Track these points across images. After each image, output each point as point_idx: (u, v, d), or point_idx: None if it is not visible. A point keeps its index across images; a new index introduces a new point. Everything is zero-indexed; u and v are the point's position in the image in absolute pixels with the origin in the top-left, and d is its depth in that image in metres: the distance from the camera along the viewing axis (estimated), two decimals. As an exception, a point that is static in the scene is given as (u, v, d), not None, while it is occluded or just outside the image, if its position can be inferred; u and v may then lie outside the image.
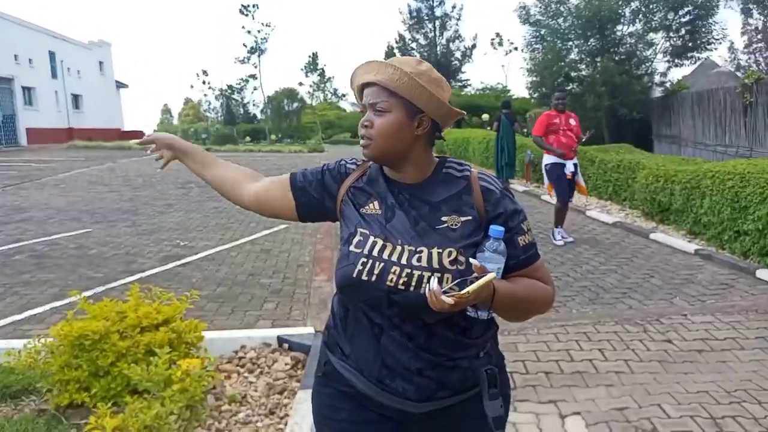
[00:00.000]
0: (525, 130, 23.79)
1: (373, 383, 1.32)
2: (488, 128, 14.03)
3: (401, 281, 1.25)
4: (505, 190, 1.38)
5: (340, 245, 1.37)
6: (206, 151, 1.63)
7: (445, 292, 1.14)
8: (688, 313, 4.47)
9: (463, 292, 1.13)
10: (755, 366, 3.54)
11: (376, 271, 1.26)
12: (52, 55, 32.71)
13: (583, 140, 7.08)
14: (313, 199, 1.43)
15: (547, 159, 6.95)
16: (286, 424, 2.83)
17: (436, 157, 1.41)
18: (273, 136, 36.77)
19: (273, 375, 3.44)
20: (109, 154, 22.90)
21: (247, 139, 35.65)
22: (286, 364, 3.56)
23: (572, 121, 6.95)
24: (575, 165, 6.97)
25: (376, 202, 1.36)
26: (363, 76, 1.34)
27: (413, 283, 1.24)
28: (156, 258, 6.38)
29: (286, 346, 3.82)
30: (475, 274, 1.18)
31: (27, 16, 31.03)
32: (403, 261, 1.26)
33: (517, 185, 12.56)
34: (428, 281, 1.19)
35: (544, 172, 7.14)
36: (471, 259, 1.20)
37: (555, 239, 6.98)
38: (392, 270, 1.26)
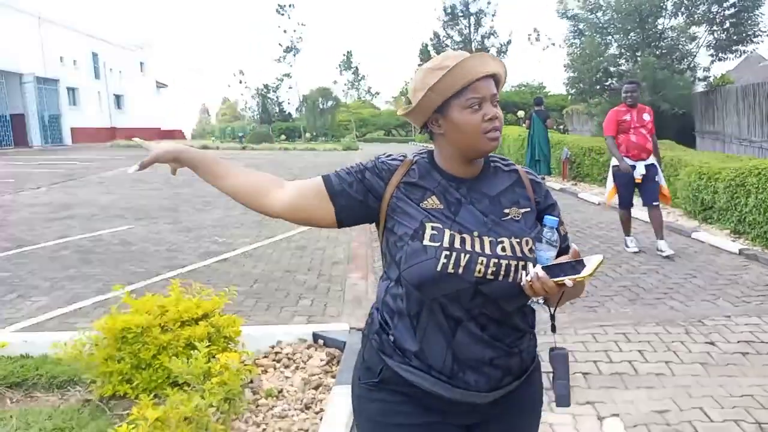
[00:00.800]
0: (562, 127, 23.47)
1: (443, 380, 1.31)
2: (522, 125, 13.87)
3: (490, 271, 1.27)
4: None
5: (400, 242, 1.32)
6: (220, 160, 1.48)
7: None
8: (732, 315, 4.34)
9: (583, 273, 1.18)
10: (804, 370, 3.42)
11: (462, 263, 1.26)
12: (95, 56, 33.73)
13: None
14: (355, 202, 1.37)
15: (615, 161, 6.17)
16: (321, 419, 2.86)
17: None
18: (308, 135, 37.12)
19: (308, 370, 3.48)
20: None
21: (282, 137, 36.06)
22: (321, 360, 3.60)
23: (646, 117, 6.04)
24: (651, 167, 6.04)
25: (434, 197, 1.34)
26: (486, 67, 1.31)
27: (502, 273, 1.27)
28: (196, 254, 6.52)
29: (321, 342, 3.85)
30: (566, 258, 1.26)
31: (70, 19, 31.87)
32: (488, 251, 1.28)
33: (553, 183, 12.38)
34: (516, 270, 1.28)
35: (609, 174, 6.35)
36: (572, 245, 1.29)
37: (627, 247, 6.38)
38: (479, 261, 1.27)
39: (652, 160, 6.05)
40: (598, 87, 15.70)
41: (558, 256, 1.34)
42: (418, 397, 1.34)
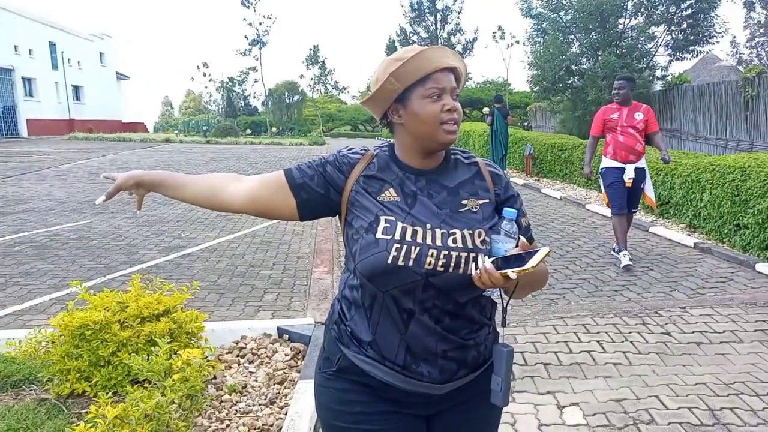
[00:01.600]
0: (526, 124, 23.81)
1: (396, 371, 1.32)
2: (485, 121, 14.08)
3: (440, 263, 1.27)
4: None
5: (356, 235, 1.33)
6: (177, 173, 1.52)
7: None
8: (687, 306, 4.48)
9: (528, 266, 1.17)
10: (754, 358, 3.56)
11: (413, 255, 1.27)
12: (52, 46, 32.63)
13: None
14: (316, 195, 1.38)
15: (604, 162, 5.74)
16: (286, 414, 2.85)
17: None
18: (274, 129, 36.76)
19: (273, 365, 3.46)
20: (110, 146, 22.87)
21: (248, 131, 35.61)
22: (286, 355, 3.58)
23: (638, 116, 5.57)
24: (641, 171, 5.63)
25: (391, 190, 1.35)
26: (448, 59, 1.33)
27: (452, 264, 1.28)
28: (157, 249, 6.39)
29: (286, 336, 3.84)
30: (518, 251, 1.25)
31: (27, 7, 30.79)
32: (439, 243, 1.28)
33: (517, 179, 12.56)
34: (467, 262, 1.27)
35: (600, 177, 5.90)
36: (522, 237, 1.28)
37: (620, 260, 5.62)
38: (429, 253, 1.27)
39: (641, 163, 5.63)
40: (560, 85, 15.96)
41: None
42: (374, 386, 1.36)
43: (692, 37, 14.99)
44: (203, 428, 2.77)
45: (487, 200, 1.38)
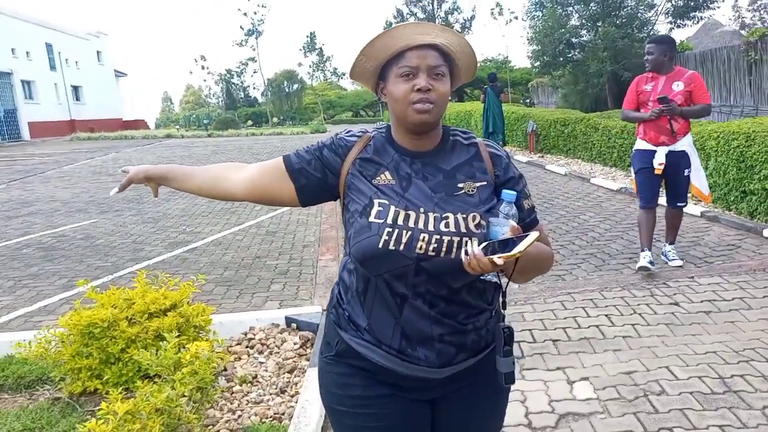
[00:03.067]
0: (528, 101, 23.61)
1: (393, 354, 1.32)
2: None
3: (431, 248, 1.25)
4: (509, 156, 1.42)
5: (352, 219, 1.33)
6: (183, 166, 1.60)
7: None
8: (695, 276, 4.46)
9: (514, 251, 1.14)
10: (764, 325, 3.54)
11: (404, 240, 1.25)
12: (49, 47, 32.55)
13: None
14: (314, 179, 1.39)
15: (636, 144, 4.79)
16: (296, 402, 2.86)
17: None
18: (275, 119, 36.65)
19: (282, 354, 3.48)
20: (112, 145, 22.91)
21: (249, 123, 35.54)
22: (294, 344, 3.59)
23: (678, 86, 4.48)
24: (680, 155, 4.54)
25: (387, 173, 1.34)
26: (421, 36, 1.28)
27: (443, 249, 1.26)
28: (163, 245, 6.41)
29: (294, 325, 3.85)
30: (510, 235, 1.22)
31: (21, 9, 30.69)
32: (431, 228, 1.26)
33: (521, 156, 12.49)
34: (459, 246, 1.25)
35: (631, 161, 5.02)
36: (511, 221, 1.24)
37: (640, 259, 4.59)
38: (421, 237, 1.25)
39: (681, 145, 4.53)
40: (561, 59, 15.77)
41: (526, 229, 1.32)
42: (372, 370, 1.35)
43: (692, 3, 14.76)
44: (215, 419, 2.79)
45: (485, 182, 1.35)
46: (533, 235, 1.18)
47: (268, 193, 1.43)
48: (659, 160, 4.54)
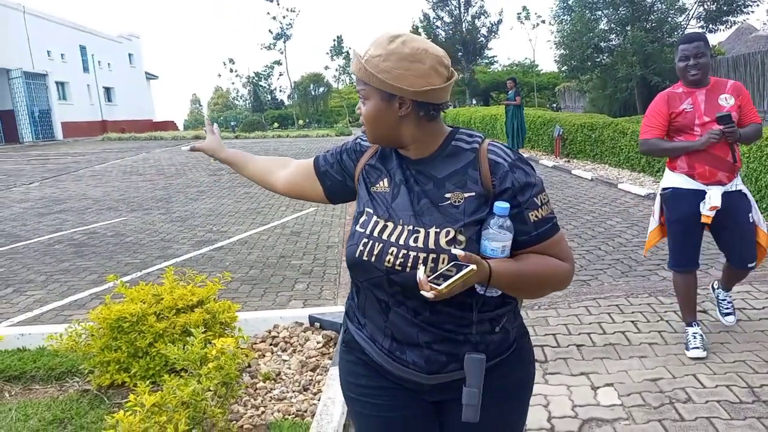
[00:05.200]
0: (555, 105, 23.39)
1: (384, 353, 1.34)
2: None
3: (398, 262, 1.24)
4: (519, 160, 1.28)
5: (352, 222, 1.40)
6: (242, 153, 1.75)
7: (435, 278, 1.15)
8: (725, 284, 4.36)
9: (441, 287, 1.10)
10: (795, 335, 3.46)
11: (375, 252, 1.27)
12: (82, 49, 33.36)
13: None
14: (337, 182, 1.46)
15: (668, 179, 3.36)
16: (319, 400, 2.89)
17: (450, 127, 1.36)
18: (300, 122, 36.92)
19: (305, 353, 3.50)
20: (142, 145, 23.35)
21: (275, 125, 35.87)
22: (318, 343, 3.62)
23: (726, 100, 3.18)
24: (737, 195, 3.28)
25: (385, 180, 1.35)
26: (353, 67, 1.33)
27: (409, 265, 1.22)
28: (190, 243, 6.52)
29: (317, 325, 3.88)
30: (461, 260, 1.13)
31: (57, 12, 31.53)
32: (401, 242, 1.25)
33: (546, 161, 12.39)
34: (425, 263, 1.21)
35: (657, 201, 3.49)
36: (454, 250, 1.14)
37: (687, 345, 3.31)
38: (390, 251, 1.25)
39: (737, 183, 3.28)
40: (589, 63, 15.63)
41: (533, 244, 1.26)
42: (372, 363, 1.39)
43: (725, 8, 14.50)
44: (239, 415, 2.82)
45: (474, 193, 1.25)
46: (464, 272, 1.11)
47: (302, 191, 1.55)
48: (713, 204, 3.15)
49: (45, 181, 12.66)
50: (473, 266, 1.11)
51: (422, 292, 1.11)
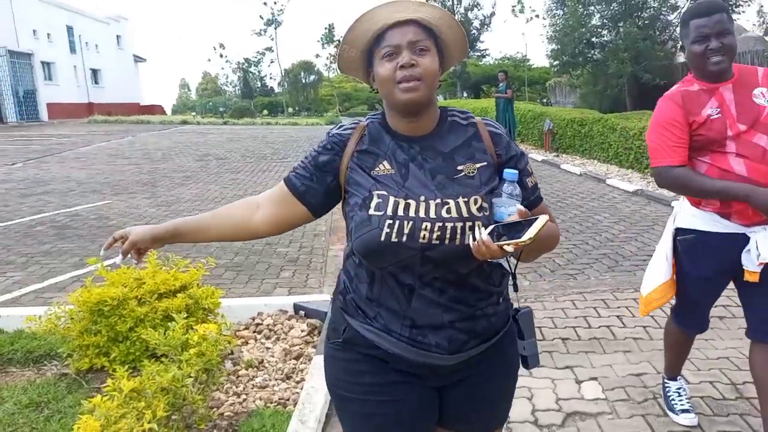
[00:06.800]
0: (545, 100, 23.41)
1: (404, 341, 1.29)
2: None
3: (435, 236, 1.22)
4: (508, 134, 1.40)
5: (352, 212, 1.31)
6: (194, 218, 1.47)
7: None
8: (710, 281, 4.38)
9: (524, 238, 1.11)
10: (778, 332, 3.47)
11: (406, 231, 1.22)
12: (69, 29, 32.82)
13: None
14: (320, 193, 1.36)
15: (688, 215, 2.31)
16: (302, 388, 2.85)
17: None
18: (290, 109, 36.70)
19: (289, 341, 3.47)
20: (128, 128, 23.06)
21: (265, 112, 35.62)
22: (302, 331, 3.59)
23: (763, 96, 2.15)
24: None
25: (385, 162, 1.30)
26: (398, 14, 1.23)
27: (447, 236, 1.22)
28: (174, 228, 6.43)
29: (302, 313, 3.84)
30: (516, 218, 1.20)
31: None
32: (432, 215, 1.23)
33: (536, 155, 12.40)
34: (463, 231, 1.22)
35: (660, 246, 2.46)
36: (518, 205, 1.22)
37: (674, 404, 2.65)
38: (423, 227, 1.22)
39: None
40: (580, 59, 15.63)
41: (531, 208, 1.31)
42: (382, 357, 1.33)
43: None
44: (220, 402, 2.79)
45: (485, 163, 1.31)
46: (542, 219, 1.14)
47: (288, 221, 1.42)
48: (761, 253, 2.14)
49: (28, 162, 12.46)
50: (546, 216, 1.16)
51: (498, 247, 1.13)
